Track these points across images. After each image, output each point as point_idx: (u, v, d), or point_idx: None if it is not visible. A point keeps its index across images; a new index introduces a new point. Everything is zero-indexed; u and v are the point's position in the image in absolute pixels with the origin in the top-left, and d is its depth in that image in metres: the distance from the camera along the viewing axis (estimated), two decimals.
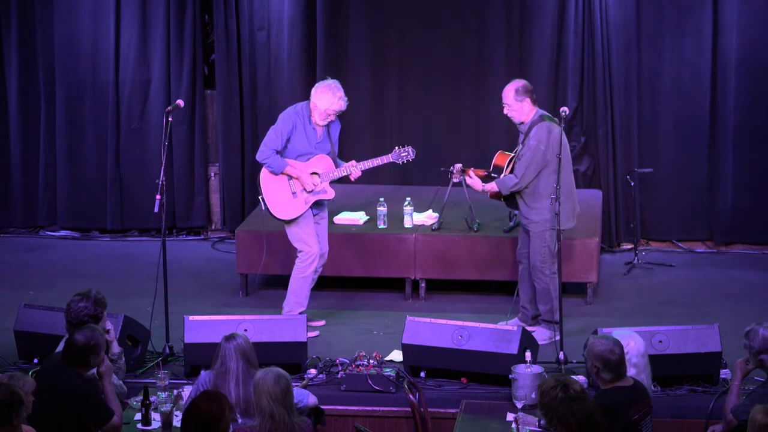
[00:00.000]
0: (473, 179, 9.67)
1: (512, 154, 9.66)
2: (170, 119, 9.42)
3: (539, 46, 12.46)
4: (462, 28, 12.61)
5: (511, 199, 9.67)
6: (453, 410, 8.27)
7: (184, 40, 12.85)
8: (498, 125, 12.08)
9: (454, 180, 10.12)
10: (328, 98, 9.65)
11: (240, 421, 7.18)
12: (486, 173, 9.68)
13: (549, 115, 9.62)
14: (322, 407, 7.77)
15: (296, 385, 7.29)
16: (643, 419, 7.04)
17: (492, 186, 9.59)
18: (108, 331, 7.88)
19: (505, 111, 9.58)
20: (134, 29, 12.87)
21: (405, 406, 8.38)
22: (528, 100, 9.49)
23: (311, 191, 9.76)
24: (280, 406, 6.73)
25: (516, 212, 10.11)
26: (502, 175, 9.61)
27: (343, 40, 12.75)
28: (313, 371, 8.89)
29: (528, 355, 8.34)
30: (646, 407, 7.10)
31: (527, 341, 8.74)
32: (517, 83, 9.53)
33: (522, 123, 9.56)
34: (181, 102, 10.08)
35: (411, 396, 8.11)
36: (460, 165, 9.94)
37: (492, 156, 9.85)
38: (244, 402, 7.20)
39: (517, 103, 9.49)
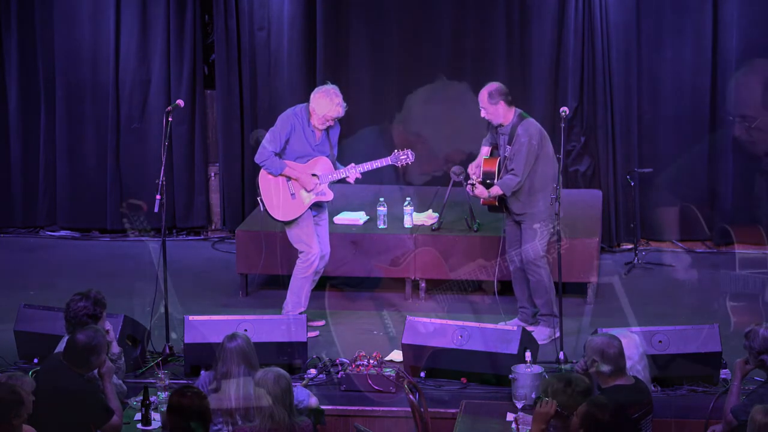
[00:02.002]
0: (478, 188, 9.67)
1: (498, 158, 9.67)
2: (170, 119, 9.43)
3: (539, 46, 12.45)
4: (462, 28, 12.60)
5: (498, 204, 9.68)
6: (453, 410, 8.27)
7: (184, 40, 12.84)
8: None
9: (455, 180, 10.12)
10: (325, 104, 9.65)
11: (240, 423, 7.18)
12: (480, 181, 9.68)
13: (526, 113, 9.66)
14: (322, 407, 7.78)
15: (297, 385, 7.28)
16: (643, 418, 7.03)
17: (496, 190, 9.59)
18: (108, 332, 7.88)
19: (483, 114, 9.64)
20: (134, 29, 12.85)
21: (405, 406, 8.37)
22: (502, 102, 9.53)
23: (311, 191, 9.75)
24: (280, 406, 6.73)
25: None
26: (495, 180, 9.62)
27: (343, 40, 12.74)
28: (313, 371, 8.89)
29: (528, 355, 8.34)
30: (647, 406, 7.09)
31: (527, 341, 8.74)
32: (491, 86, 9.56)
33: (501, 125, 9.59)
34: (181, 102, 10.09)
35: (411, 396, 8.10)
36: (462, 168, 9.94)
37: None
38: (244, 405, 7.19)
39: (491, 106, 9.54)
